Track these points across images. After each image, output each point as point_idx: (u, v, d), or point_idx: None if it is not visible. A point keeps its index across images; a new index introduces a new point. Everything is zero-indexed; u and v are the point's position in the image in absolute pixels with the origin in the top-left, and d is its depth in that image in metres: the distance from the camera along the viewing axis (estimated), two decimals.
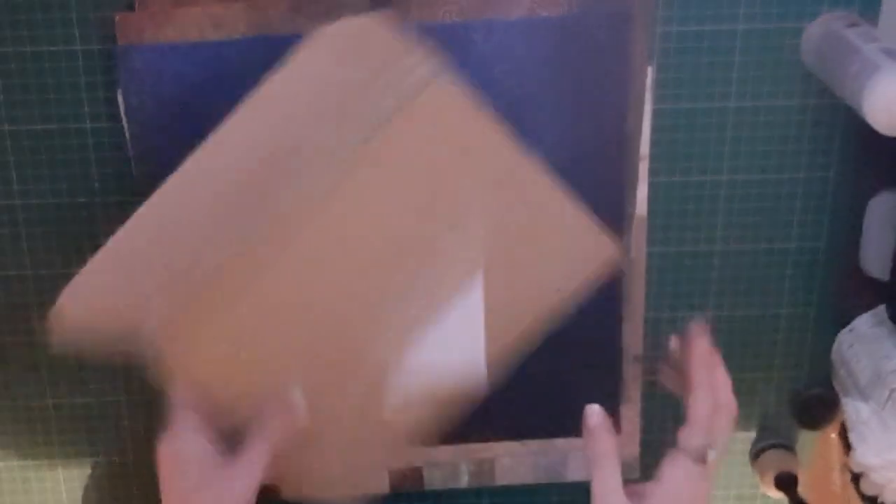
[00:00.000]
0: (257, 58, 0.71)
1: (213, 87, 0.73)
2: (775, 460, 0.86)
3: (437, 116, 0.68)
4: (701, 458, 0.66)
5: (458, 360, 0.71)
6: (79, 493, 0.87)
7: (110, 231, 0.76)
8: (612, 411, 0.84)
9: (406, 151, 0.69)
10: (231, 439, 0.67)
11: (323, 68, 0.68)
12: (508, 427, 0.86)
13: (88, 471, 0.87)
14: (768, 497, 0.88)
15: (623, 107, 0.77)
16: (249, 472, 0.65)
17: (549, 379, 0.84)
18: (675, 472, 0.66)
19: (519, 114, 0.75)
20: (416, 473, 0.87)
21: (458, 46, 0.74)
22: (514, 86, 0.75)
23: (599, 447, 0.66)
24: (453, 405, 0.71)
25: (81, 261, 0.79)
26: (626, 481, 0.66)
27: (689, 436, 0.66)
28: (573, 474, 0.88)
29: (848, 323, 0.83)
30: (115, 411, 0.85)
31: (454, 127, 0.69)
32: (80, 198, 0.78)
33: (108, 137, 0.76)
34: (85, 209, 0.78)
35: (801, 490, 0.86)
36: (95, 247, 0.78)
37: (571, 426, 0.70)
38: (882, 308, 0.81)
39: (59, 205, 0.78)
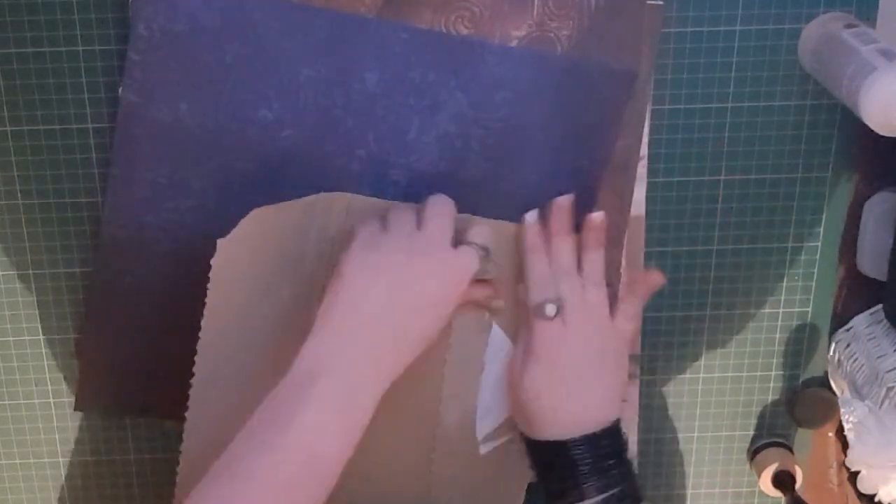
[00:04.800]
0: (275, 17, 0.72)
1: (223, 36, 0.73)
2: (773, 459, 0.86)
3: None
4: (540, 314, 0.73)
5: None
6: (79, 491, 0.87)
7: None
8: None
9: None
10: None
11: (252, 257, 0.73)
12: None
13: (90, 468, 0.87)
14: (766, 495, 0.88)
15: (609, 159, 0.77)
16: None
17: None
18: (528, 333, 0.75)
19: (510, 142, 0.76)
20: None
21: (468, 63, 0.74)
22: (511, 115, 0.76)
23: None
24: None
25: (83, 261, 0.80)
26: None
27: (527, 295, 0.75)
28: None
29: (845, 322, 0.84)
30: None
31: None
32: (83, 198, 0.78)
33: (110, 137, 0.76)
34: (87, 209, 0.79)
35: (799, 489, 0.86)
36: (97, 246, 0.78)
37: None
38: (879, 308, 0.81)
39: (61, 204, 0.78)
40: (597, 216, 0.75)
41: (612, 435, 0.74)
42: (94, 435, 0.86)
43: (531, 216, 0.75)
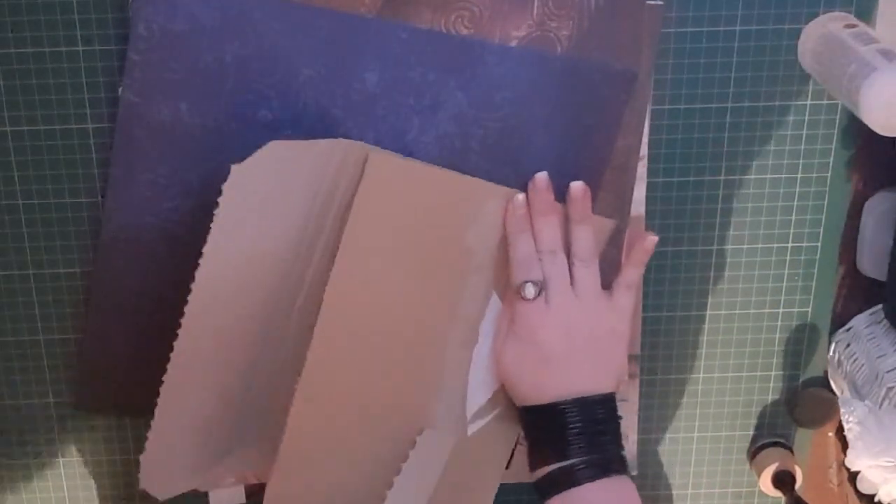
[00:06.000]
0: (275, 17, 0.72)
1: (223, 36, 0.73)
2: (773, 459, 0.86)
3: (389, 183, 0.73)
4: (519, 294, 0.74)
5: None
6: (80, 491, 0.88)
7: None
8: None
9: (382, 225, 0.74)
10: None
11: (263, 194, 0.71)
12: None
13: (90, 468, 0.87)
14: (766, 495, 0.88)
15: (609, 159, 0.77)
16: None
17: None
18: (509, 310, 0.76)
19: (510, 142, 0.76)
20: None
21: (468, 63, 0.74)
22: (511, 114, 0.76)
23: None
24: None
25: (83, 261, 0.80)
26: None
27: (511, 276, 0.75)
28: None
29: (845, 322, 0.84)
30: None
31: (412, 184, 0.74)
32: (83, 198, 0.78)
33: (109, 137, 0.76)
34: (87, 209, 0.79)
35: (799, 489, 0.86)
36: (97, 246, 0.78)
37: None
38: (879, 308, 0.81)
39: (61, 205, 0.78)
40: (576, 187, 0.74)
41: (604, 403, 0.74)
42: (94, 435, 0.86)
43: (518, 199, 0.75)
